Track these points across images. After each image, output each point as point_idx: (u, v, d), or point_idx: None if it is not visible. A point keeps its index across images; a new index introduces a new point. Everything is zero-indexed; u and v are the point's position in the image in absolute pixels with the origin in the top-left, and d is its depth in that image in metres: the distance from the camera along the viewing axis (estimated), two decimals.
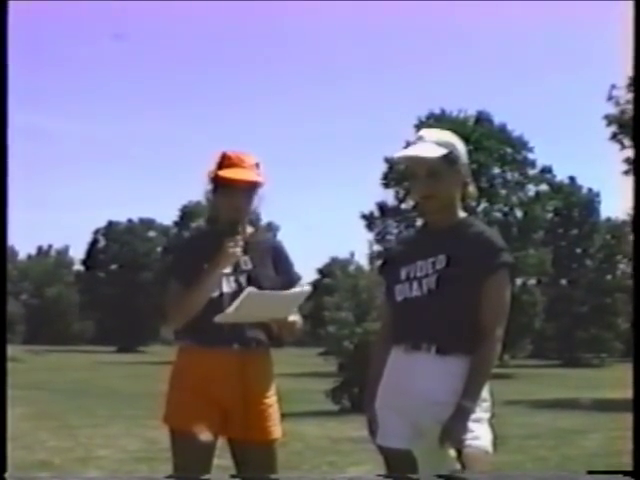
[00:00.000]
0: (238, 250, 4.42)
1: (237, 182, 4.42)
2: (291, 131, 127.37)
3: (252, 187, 4.49)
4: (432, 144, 3.79)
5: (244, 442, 4.45)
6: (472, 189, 3.93)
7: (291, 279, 4.57)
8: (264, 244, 4.63)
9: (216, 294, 4.43)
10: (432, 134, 3.87)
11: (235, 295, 4.32)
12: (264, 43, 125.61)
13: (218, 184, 4.48)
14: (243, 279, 4.47)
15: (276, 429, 4.51)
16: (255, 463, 4.45)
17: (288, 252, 4.69)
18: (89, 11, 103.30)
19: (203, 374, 4.40)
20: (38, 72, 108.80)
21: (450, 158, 3.78)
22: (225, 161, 4.49)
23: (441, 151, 3.76)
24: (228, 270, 4.45)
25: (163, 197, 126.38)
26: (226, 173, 4.44)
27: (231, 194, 4.45)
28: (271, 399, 4.52)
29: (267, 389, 4.51)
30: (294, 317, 4.49)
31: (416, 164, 3.80)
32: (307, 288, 4.47)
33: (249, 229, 4.57)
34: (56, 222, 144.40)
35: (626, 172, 29.42)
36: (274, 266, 4.57)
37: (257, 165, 4.52)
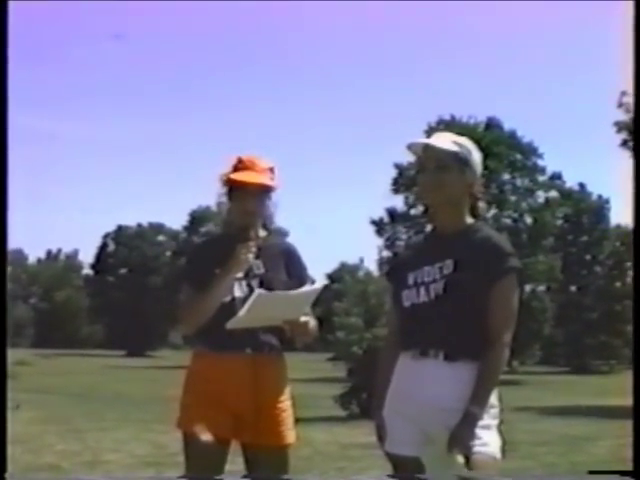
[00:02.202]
0: (250, 256, 4.42)
1: (248, 185, 4.42)
2: (300, 135, 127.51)
3: (264, 191, 4.49)
4: (447, 140, 3.83)
5: (256, 446, 4.45)
6: (482, 205, 3.92)
7: (303, 282, 4.53)
8: (277, 248, 4.62)
9: (228, 299, 4.43)
10: (451, 135, 3.91)
11: (247, 299, 4.32)
12: (270, 44, 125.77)
13: (231, 187, 4.48)
14: (255, 283, 4.46)
15: (289, 434, 4.51)
16: (267, 467, 4.44)
17: (301, 256, 4.68)
18: (89, 11, 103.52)
19: (216, 379, 4.40)
20: (38, 72, 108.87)
21: (461, 157, 3.79)
22: (238, 164, 4.50)
23: (454, 147, 3.78)
24: (240, 275, 4.45)
25: (172, 202, 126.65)
26: (238, 176, 4.44)
27: (243, 197, 4.45)
28: (285, 403, 4.51)
29: (280, 394, 4.50)
30: (306, 318, 4.46)
31: (426, 157, 3.80)
32: (317, 286, 4.44)
33: (262, 233, 4.56)
34: (65, 226, 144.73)
35: (631, 179, 29.37)
36: (286, 270, 4.56)
37: (271, 169, 4.52)
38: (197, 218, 72.19)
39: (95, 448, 12.49)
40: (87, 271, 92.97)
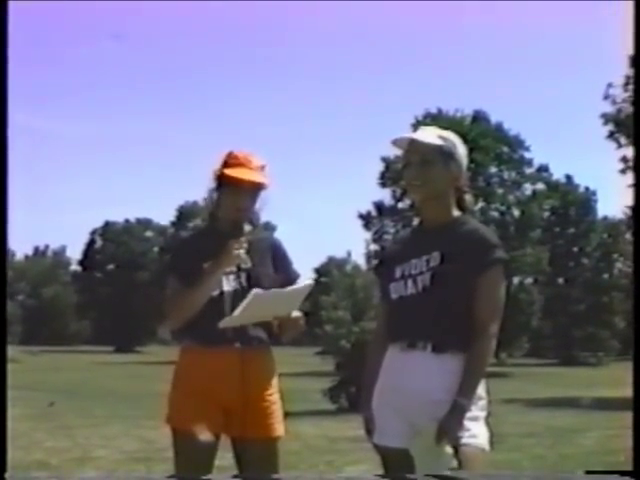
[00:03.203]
0: (242, 252, 4.42)
1: (243, 182, 4.42)
2: (288, 130, 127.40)
3: (257, 188, 4.49)
4: (432, 134, 3.84)
5: (246, 440, 4.44)
6: (469, 198, 3.94)
7: (290, 277, 4.55)
8: (263, 242, 4.62)
9: (216, 293, 4.42)
10: (436, 129, 3.92)
11: (235, 294, 4.33)
12: (262, 42, 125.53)
13: (223, 183, 4.48)
14: (243, 278, 4.46)
15: (278, 427, 4.51)
16: (257, 461, 4.44)
17: (287, 250, 4.69)
18: (89, 11, 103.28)
19: (205, 374, 4.40)
20: (36, 72, 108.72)
21: (446, 151, 3.80)
22: (232, 160, 4.48)
23: (438, 141, 3.80)
24: (228, 269, 4.45)
25: (160, 197, 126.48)
26: (233, 172, 4.43)
27: (236, 194, 4.45)
28: (273, 397, 4.51)
29: (269, 387, 4.50)
30: (297, 313, 4.48)
31: (411, 151, 3.82)
32: (309, 282, 4.47)
33: (248, 227, 4.56)
34: (53, 222, 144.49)
35: (623, 171, 29.41)
36: (273, 264, 4.57)
37: (263, 167, 4.52)
38: (185, 213, 72.08)
39: (84, 444, 12.50)
40: (75, 267, 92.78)
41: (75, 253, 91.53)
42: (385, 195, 51.26)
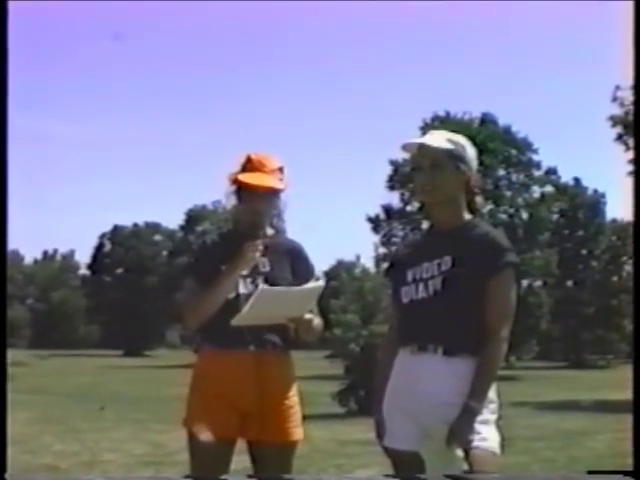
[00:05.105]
0: (257, 254, 4.43)
1: (256, 188, 4.43)
2: (296, 133, 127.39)
3: (272, 192, 4.50)
4: (441, 138, 3.84)
5: (262, 444, 4.45)
6: (480, 200, 3.94)
7: (308, 281, 4.51)
8: (283, 246, 4.62)
9: (232, 295, 4.43)
10: (445, 132, 3.93)
11: (251, 296, 4.33)
12: (268, 43, 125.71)
13: (239, 187, 4.49)
14: (260, 281, 4.46)
15: (296, 431, 4.52)
16: (272, 464, 4.44)
17: (308, 256, 4.68)
18: (89, 11, 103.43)
19: (220, 377, 4.41)
20: (38, 72, 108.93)
21: (456, 154, 3.80)
22: (247, 164, 4.50)
23: (448, 145, 3.79)
24: (245, 272, 4.46)
25: (169, 201, 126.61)
26: (245, 178, 4.46)
27: (251, 198, 4.47)
28: (291, 400, 4.51)
29: (286, 391, 4.51)
30: (310, 315, 4.47)
31: (421, 155, 3.82)
32: (319, 283, 4.46)
33: (270, 231, 4.58)
34: (62, 226, 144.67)
35: (631, 173, 29.36)
36: (292, 268, 4.57)
37: (281, 169, 4.53)
38: (193, 217, 72.10)
39: (93, 448, 12.49)
40: (83, 271, 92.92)
41: (84, 257, 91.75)
42: (393, 198, 51.35)
